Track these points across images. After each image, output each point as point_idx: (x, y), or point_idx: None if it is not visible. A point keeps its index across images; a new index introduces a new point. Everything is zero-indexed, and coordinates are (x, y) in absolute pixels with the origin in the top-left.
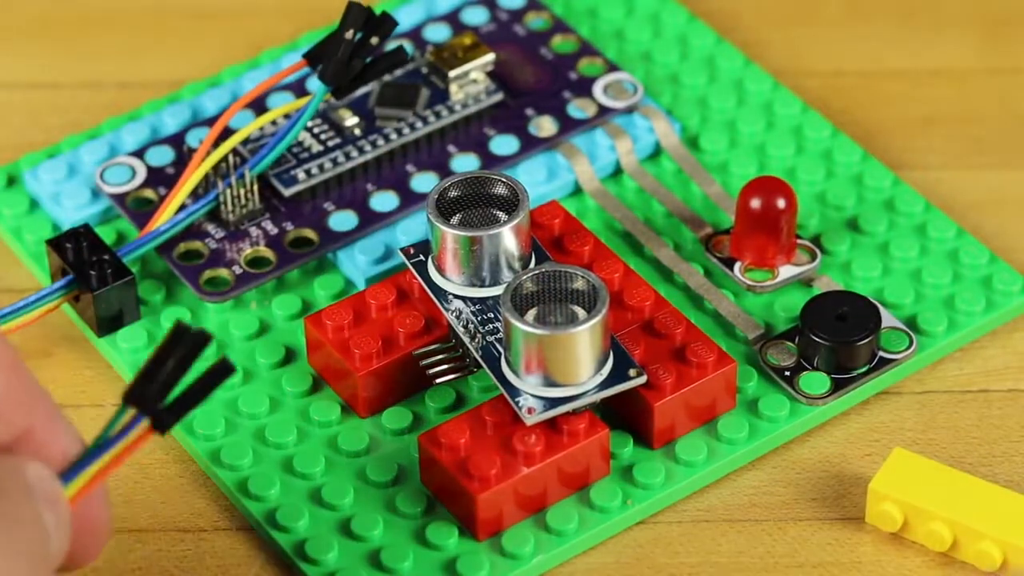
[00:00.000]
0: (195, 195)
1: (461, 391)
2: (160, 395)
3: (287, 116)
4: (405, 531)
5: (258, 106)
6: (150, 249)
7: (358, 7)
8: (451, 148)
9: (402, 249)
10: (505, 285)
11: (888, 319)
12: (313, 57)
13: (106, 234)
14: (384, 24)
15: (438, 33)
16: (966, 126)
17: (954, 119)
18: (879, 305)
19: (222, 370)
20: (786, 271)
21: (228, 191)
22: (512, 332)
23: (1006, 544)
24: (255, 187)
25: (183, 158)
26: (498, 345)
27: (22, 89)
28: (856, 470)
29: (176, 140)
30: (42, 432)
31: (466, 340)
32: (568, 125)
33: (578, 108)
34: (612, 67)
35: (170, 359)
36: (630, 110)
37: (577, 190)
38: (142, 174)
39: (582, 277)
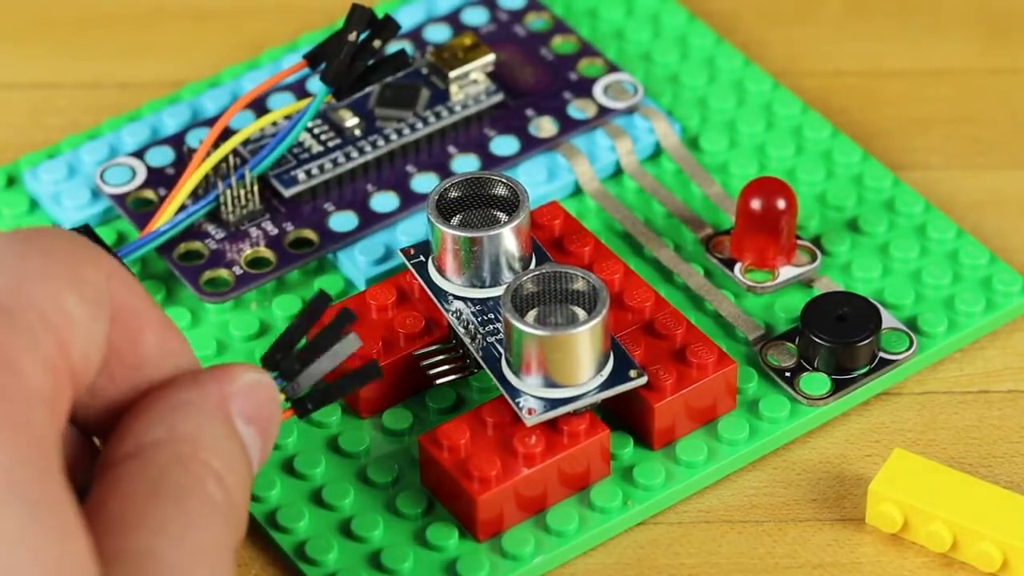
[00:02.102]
0: (195, 196)
1: (461, 392)
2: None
3: (287, 117)
4: (405, 532)
5: (258, 107)
6: (150, 250)
7: (362, 9)
8: (451, 149)
9: (402, 250)
10: (505, 286)
11: (888, 320)
12: (314, 58)
13: (106, 235)
14: (387, 27)
15: (438, 33)
16: (966, 126)
17: (954, 119)
18: (879, 306)
19: (370, 372)
20: (786, 272)
21: (228, 192)
22: (512, 333)
23: (1006, 545)
24: (255, 188)
25: (183, 159)
26: (498, 346)
27: (22, 89)
28: (856, 471)
29: (176, 140)
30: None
31: (466, 341)
32: (568, 126)
33: (578, 109)
34: (612, 68)
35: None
36: (630, 111)
37: (577, 191)
38: (142, 175)
39: (582, 278)
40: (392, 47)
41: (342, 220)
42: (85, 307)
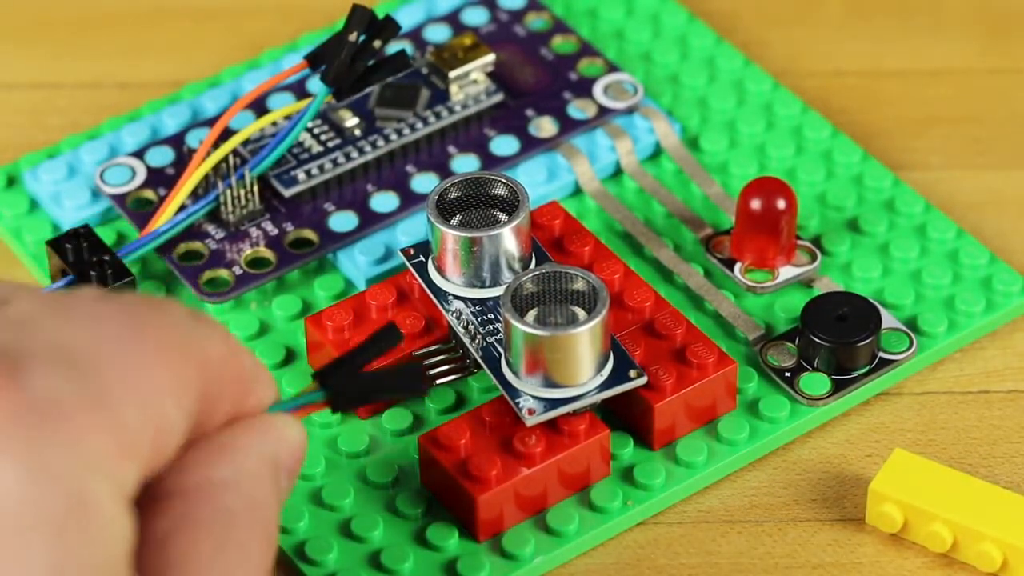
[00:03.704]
0: (195, 196)
1: (461, 392)
2: (346, 379)
3: (287, 117)
4: (405, 532)
5: (258, 107)
6: (150, 250)
7: (362, 10)
8: (451, 149)
9: (402, 250)
10: (505, 286)
11: (888, 320)
12: (314, 58)
13: (106, 235)
14: (387, 28)
15: (438, 33)
16: (966, 126)
17: (954, 119)
18: (879, 306)
19: (412, 375)
20: (786, 272)
21: (228, 192)
22: (512, 333)
23: (1006, 545)
24: (255, 188)
25: (183, 159)
26: (498, 346)
27: (22, 89)
28: (856, 471)
29: (176, 140)
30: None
31: (466, 341)
32: (568, 126)
33: (578, 109)
34: (612, 68)
35: (368, 352)
36: (630, 111)
37: (577, 191)
38: (142, 175)
39: (582, 278)
40: (392, 47)
41: (342, 220)
42: (180, 412)
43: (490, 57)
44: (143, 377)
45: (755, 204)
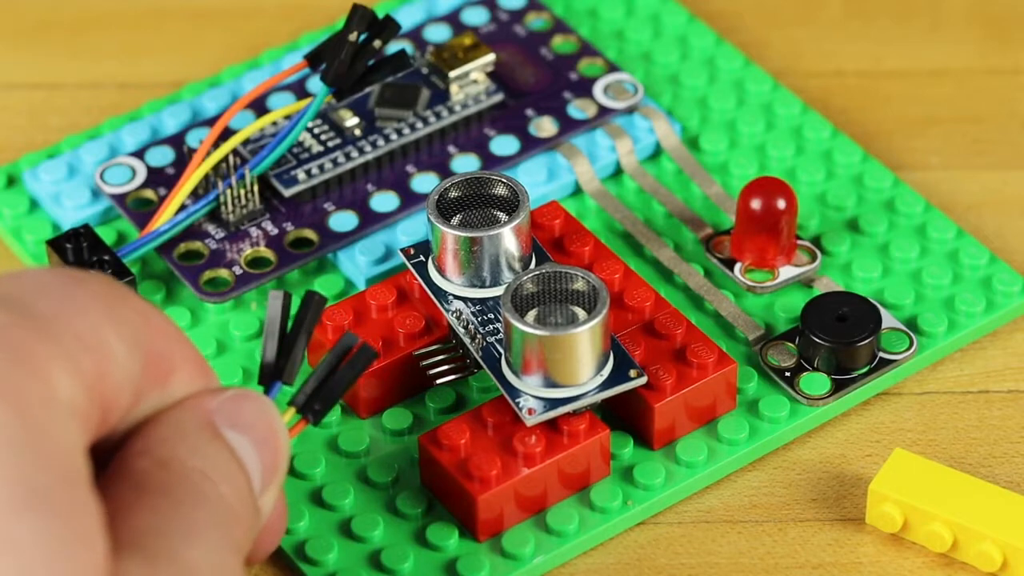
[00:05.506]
0: (195, 195)
1: (461, 392)
2: (318, 399)
3: (287, 117)
4: (405, 532)
5: (258, 107)
6: (150, 249)
7: (363, 9)
8: (451, 148)
9: (402, 250)
10: (505, 286)
11: (888, 320)
12: (315, 58)
13: (106, 234)
14: (388, 27)
15: (438, 33)
16: (966, 126)
17: (954, 119)
18: (879, 306)
19: (364, 357)
20: (786, 272)
21: (228, 191)
22: (512, 333)
23: (1006, 545)
24: (255, 187)
25: (183, 158)
26: (498, 346)
27: (22, 89)
28: (856, 471)
29: (176, 140)
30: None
31: (466, 341)
32: (568, 125)
33: (578, 108)
34: (612, 67)
35: (339, 372)
36: (630, 110)
37: (577, 191)
38: (142, 174)
39: (582, 278)
40: (392, 47)
41: (342, 220)
42: (122, 344)
43: (490, 57)
44: (77, 309)
45: (755, 204)
